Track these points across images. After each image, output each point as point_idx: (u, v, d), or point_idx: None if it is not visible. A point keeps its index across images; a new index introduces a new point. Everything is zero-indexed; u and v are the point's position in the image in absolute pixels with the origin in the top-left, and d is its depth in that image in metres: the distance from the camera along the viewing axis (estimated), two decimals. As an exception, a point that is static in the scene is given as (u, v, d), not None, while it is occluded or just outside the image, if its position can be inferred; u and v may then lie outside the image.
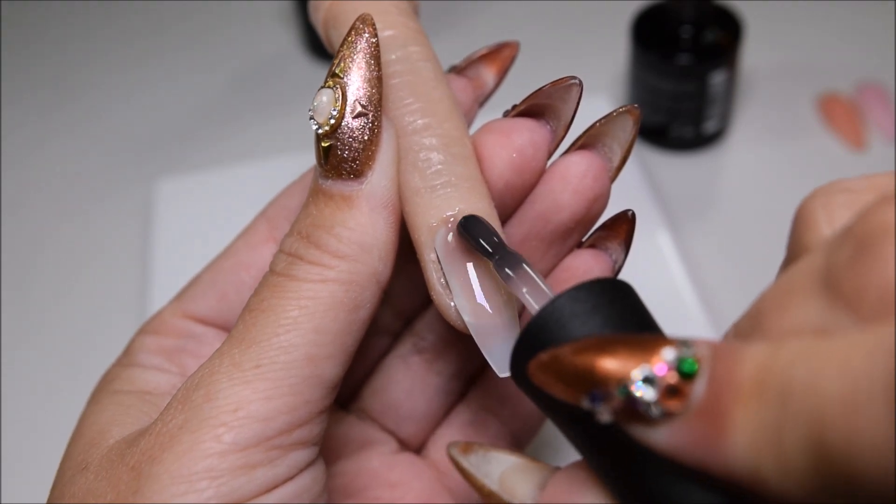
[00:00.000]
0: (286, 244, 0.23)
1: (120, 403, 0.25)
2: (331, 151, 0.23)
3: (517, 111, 0.25)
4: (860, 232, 0.15)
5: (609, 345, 0.17)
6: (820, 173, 0.54)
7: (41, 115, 0.63)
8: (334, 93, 0.23)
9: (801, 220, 0.18)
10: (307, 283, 0.22)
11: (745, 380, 0.15)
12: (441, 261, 0.23)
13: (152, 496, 0.20)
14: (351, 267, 0.22)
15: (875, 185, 0.17)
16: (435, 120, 0.24)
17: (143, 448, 0.21)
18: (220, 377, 0.21)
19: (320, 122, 0.23)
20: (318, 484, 0.23)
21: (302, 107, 0.60)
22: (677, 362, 0.16)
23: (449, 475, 0.29)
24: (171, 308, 0.28)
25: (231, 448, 0.20)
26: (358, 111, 0.23)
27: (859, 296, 0.15)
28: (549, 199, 0.25)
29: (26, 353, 0.50)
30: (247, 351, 0.21)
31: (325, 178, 0.23)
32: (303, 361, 0.21)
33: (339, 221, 0.23)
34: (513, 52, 0.28)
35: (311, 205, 0.23)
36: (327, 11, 0.26)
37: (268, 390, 0.21)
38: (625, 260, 0.27)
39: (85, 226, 0.56)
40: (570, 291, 0.20)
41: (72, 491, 0.22)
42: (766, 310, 0.17)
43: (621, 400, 0.16)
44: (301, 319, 0.22)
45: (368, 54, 0.23)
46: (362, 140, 0.23)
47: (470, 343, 0.29)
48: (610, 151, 0.25)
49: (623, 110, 0.25)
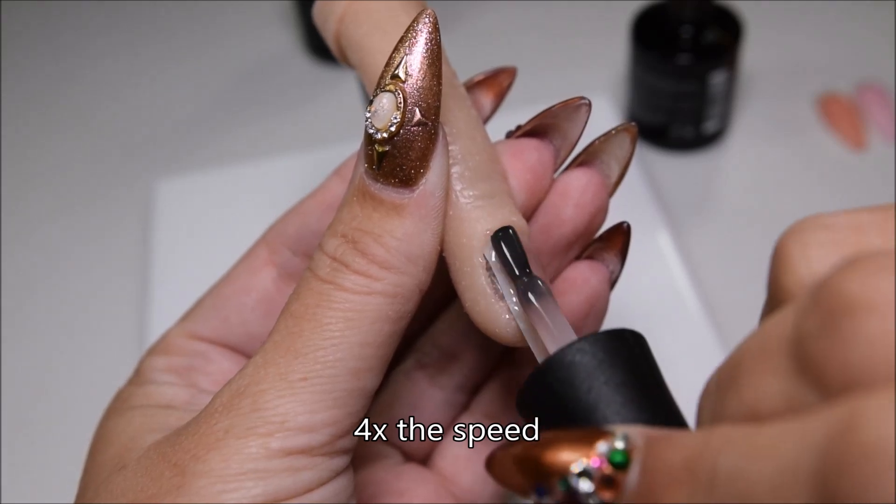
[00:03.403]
0: (329, 246, 0.23)
1: (145, 415, 0.25)
2: (386, 157, 0.22)
3: (523, 131, 0.26)
4: (826, 304, 0.14)
5: (554, 441, 0.18)
6: (820, 173, 0.54)
7: (41, 116, 0.63)
8: (396, 98, 0.22)
9: (778, 260, 0.17)
10: (354, 295, 0.22)
11: (675, 467, 0.16)
12: (493, 269, 0.23)
13: (199, 491, 0.21)
14: (397, 279, 0.22)
15: (855, 223, 0.16)
16: (466, 133, 0.24)
17: (185, 447, 0.22)
18: (266, 387, 0.21)
19: (379, 126, 0.22)
20: (352, 485, 0.23)
21: (302, 107, 0.60)
22: (609, 454, 0.17)
23: (454, 482, 0.29)
24: (176, 330, 0.28)
25: (278, 454, 0.21)
26: (418, 119, 0.22)
27: (824, 373, 0.14)
28: (551, 214, 0.26)
29: (26, 352, 0.50)
30: (293, 362, 0.21)
31: (374, 181, 0.22)
32: (347, 375, 0.22)
33: (387, 230, 0.22)
34: (510, 77, 0.28)
35: (357, 205, 0.23)
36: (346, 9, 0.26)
37: (314, 403, 0.21)
38: (621, 270, 0.27)
39: (85, 226, 0.56)
40: (581, 342, 0.21)
41: (108, 489, 0.23)
42: (743, 368, 0.17)
43: (563, 493, 0.17)
44: (347, 333, 0.22)
45: (431, 56, 0.22)
46: (419, 148, 0.22)
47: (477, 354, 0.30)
48: (608, 168, 0.26)
49: (621, 129, 0.25)
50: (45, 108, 0.63)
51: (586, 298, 0.26)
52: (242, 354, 0.28)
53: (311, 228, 0.28)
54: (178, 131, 0.61)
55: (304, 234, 0.28)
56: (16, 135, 0.62)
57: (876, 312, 0.14)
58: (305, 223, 0.28)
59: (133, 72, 0.65)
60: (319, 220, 0.27)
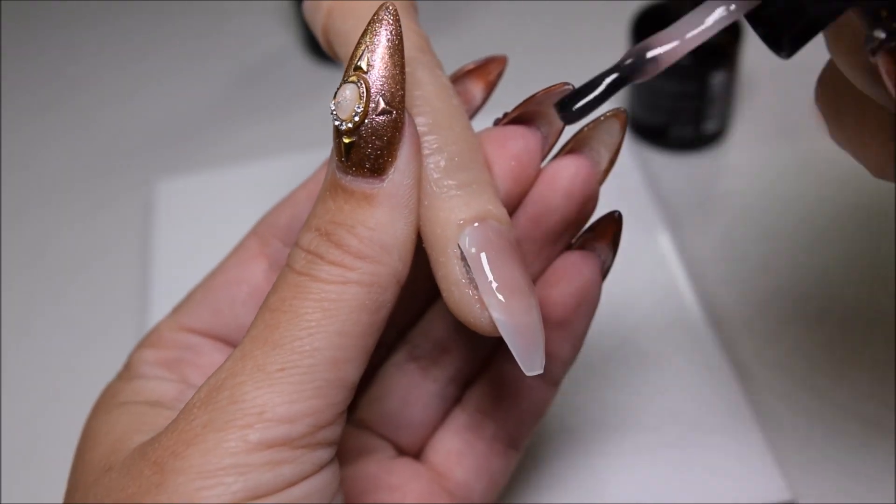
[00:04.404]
0: (304, 240, 0.23)
1: (132, 413, 0.25)
2: (353, 148, 0.22)
3: (509, 119, 0.26)
4: None
5: None
6: (820, 173, 0.54)
7: (40, 115, 0.63)
8: (358, 88, 0.22)
9: None
10: (329, 285, 0.22)
11: None
12: (467, 259, 0.23)
13: (177, 489, 0.20)
14: (373, 268, 0.22)
15: None
16: (445, 123, 0.24)
17: (164, 444, 0.21)
18: (244, 379, 0.21)
19: (343, 117, 0.22)
20: (337, 480, 0.23)
21: (302, 107, 0.60)
22: None
23: (447, 477, 0.29)
24: (167, 322, 0.28)
25: (257, 447, 0.21)
26: (382, 108, 0.22)
27: None
28: (540, 203, 0.25)
29: (26, 352, 0.50)
30: (270, 353, 0.21)
31: (344, 174, 0.23)
32: (326, 365, 0.21)
33: (359, 220, 0.22)
34: (500, 66, 0.28)
35: (329, 199, 0.23)
36: (333, 4, 0.26)
37: (292, 394, 0.21)
38: (613, 260, 0.27)
39: (85, 226, 0.56)
40: None
41: (95, 491, 0.23)
42: None
43: None
44: (324, 323, 0.21)
45: (392, 47, 0.22)
46: (386, 137, 0.22)
47: (469, 346, 0.29)
48: (598, 155, 0.26)
49: (610, 115, 0.25)
50: (44, 107, 0.64)
51: (578, 289, 0.26)
52: (233, 347, 0.28)
53: (302, 220, 0.28)
54: (178, 131, 0.61)
55: (295, 226, 0.28)
56: (16, 134, 0.62)
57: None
58: (296, 214, 0.28)
59: (133, 72, 0.65)
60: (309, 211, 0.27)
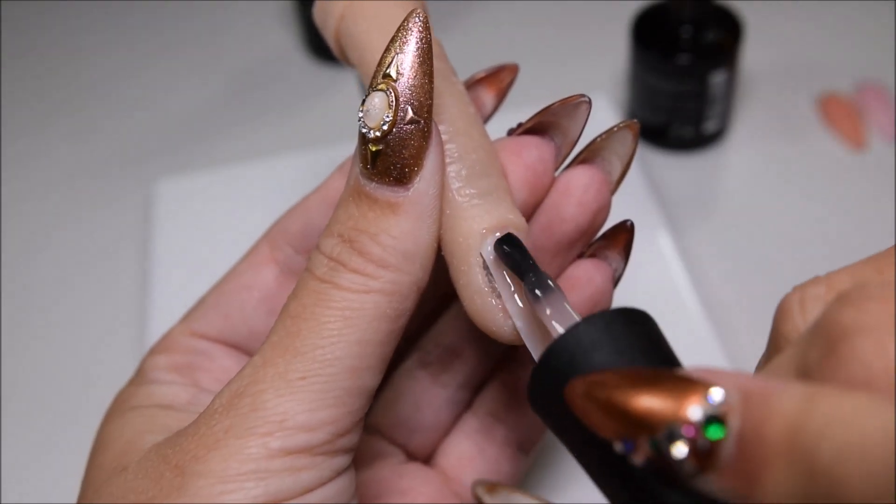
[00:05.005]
0: (326, 246, 0.23)
1: (144, 416, 0.25)
2: (380, 156, 0.22)
3: (524, 129, 0.26)
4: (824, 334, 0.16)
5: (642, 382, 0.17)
6: (820, 173, 0.54)
7: (41, 116, 0.63)
8: (387, 97, 0.22)
9: (779, 312, 0.19)
10: (351, 293, 0.22)
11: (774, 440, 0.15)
12: (489, 267, 0.23)
13: (198, 492, 0.21)
14: (395, 277, 0.22)
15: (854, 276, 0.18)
16: (463, 131, 0.24)
17: (185, 448, 0.22)
18: (265, 387, 0.21)
19: (371, 125, 0.22)
20: (353, 485, 0.23)
21: (302, 107, 0.60)
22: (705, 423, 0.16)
23: (458, 481, 0.29)
24: (178, 328, 0.28)
25: (278, 454, 0.21)
26: (410, 117, 0.22)
27: None
28: (553, 212, 0.26)
29: (27, 353, 0.50)
30: (292, 361, 0.21)
31: (369, 181, 0.22)
32: (346, 373, 0.22)
33: (383, 228, 0.22)
34: (512, 74, 0.28)
35: (353, 205, 0.23)
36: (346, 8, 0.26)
37: (313, 402, 0.21)
38: (624, 268, 0.27)
39: (85, 226, 0.56)
40: (592, 318, 0.20)
41: (109, 490, 0.23)
42: None
43: (653, 451, 0.16)
44: (346, 332, 0.22)
45: (422, 56, 0.22)
46: (413, 146, 0.22)
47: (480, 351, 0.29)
48: (610, 165, 0.26)
49: (623, 125, 0.25)
50: (44, 108, 0.63)
51: (590, 297, 0.26)
52: (244, 352, 0.28)
53: (314, 226, 0.28)
54: (178, 131, 0.61)
55: (307, 232, 0.28)
56: (16, 134, 0.62)
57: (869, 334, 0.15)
58: (308, 220, 0.28)
59: (133, 72, 0.65)
60: (322, 217, 0.27)
